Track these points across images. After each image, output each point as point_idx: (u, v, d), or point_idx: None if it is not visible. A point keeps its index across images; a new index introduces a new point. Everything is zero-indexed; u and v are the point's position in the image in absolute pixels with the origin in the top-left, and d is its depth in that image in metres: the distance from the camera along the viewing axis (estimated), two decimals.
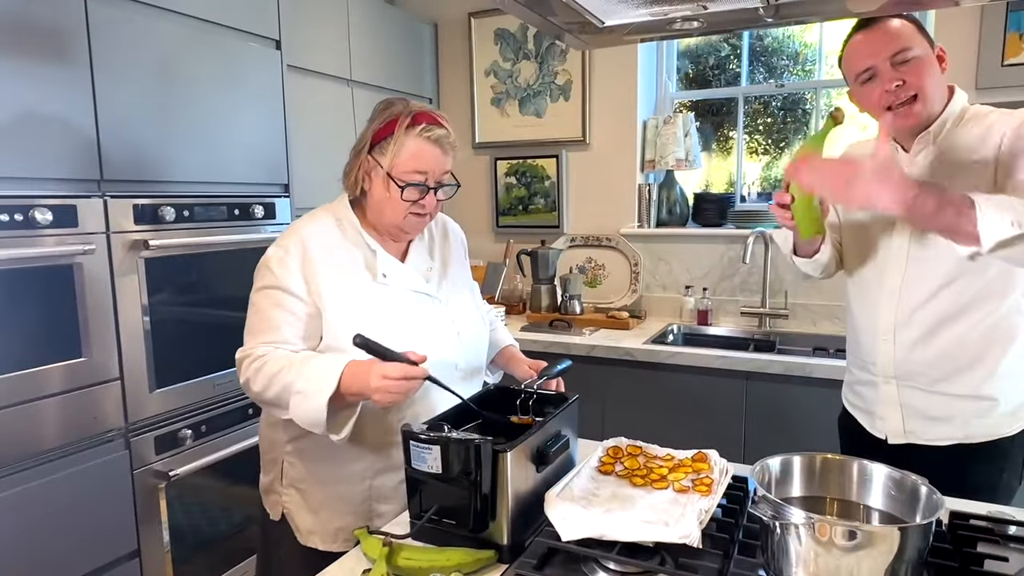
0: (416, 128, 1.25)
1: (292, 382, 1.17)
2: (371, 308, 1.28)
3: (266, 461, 1.41)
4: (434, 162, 1.27)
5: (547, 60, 3.12)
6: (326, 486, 1.32)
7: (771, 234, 1.70)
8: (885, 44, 1.33)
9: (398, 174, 1.26)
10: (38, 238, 1.61)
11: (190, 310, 1.99)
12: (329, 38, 2.62)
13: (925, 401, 1.41)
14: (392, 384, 1.11)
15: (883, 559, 0.84)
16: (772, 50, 3.03)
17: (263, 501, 1.42)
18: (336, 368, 1.15)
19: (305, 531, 1.34)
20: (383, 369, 1.12)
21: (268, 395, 1.21)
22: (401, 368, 1.12)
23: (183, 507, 1.99)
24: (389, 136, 1.26)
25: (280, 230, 2.26)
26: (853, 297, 1.57)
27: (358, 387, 1.14)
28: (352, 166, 1.33)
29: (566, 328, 2.75)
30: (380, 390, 1.11)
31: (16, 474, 1.60)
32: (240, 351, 1.27)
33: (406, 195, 1.26)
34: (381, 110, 1.32)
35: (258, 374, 1.21)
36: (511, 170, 3.26)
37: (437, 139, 1.27)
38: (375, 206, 1.31)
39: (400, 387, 1.12)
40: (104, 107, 1.75)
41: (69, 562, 1.71)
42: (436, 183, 1.29)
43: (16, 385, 1.58)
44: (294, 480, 1.35)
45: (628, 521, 1.00)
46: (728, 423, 2.34)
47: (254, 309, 1.29)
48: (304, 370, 1.18)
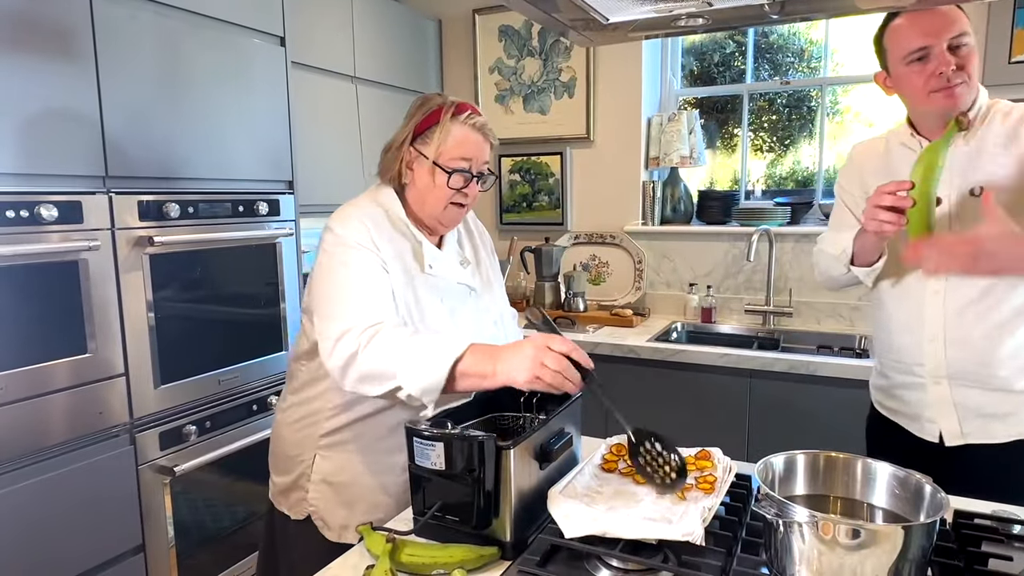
0: (460, 116, 1.27)
1: (411, 349, 1.10)
2: (425, 298, 1.29)
3: (287, 459, 1.38)
4: (478, 149, 1.29)
5: (551, 57, 3.12)
6: (366, 477, 1.32)
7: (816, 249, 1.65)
8: (945, 26, 1.30)
9: (445, 161, 1.26)
10: (43, 234, 1.62)
11: (194, 306, 2.00)
12: (333, 35, 2.62)
13: (982, 399, 1.37)
14: (553, 357, 1.04)
15: (887, 558, 0.83)
16: (777, 47, 3.01)
17: (279, 504, 1.40)
18: (461, 343, 1.10)
19: (337, 527, 1.33)
20: (549, 339, 1.06)
21: (379, 365, 1.11)
22: (568, 344, 1.06)
23: (188, 502, 1.99)
24: (433, 126, 1.27)
25: (284, 227, 2.27)
26: (888, 298, 1.50)
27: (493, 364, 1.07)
28: (392, 160, 1.32)
29: (570, 326, 2.74)
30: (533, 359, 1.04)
31: (22, 469, 1.61)
32: (333, 327, 1.16)
33: (452, 182, 1.27)
34: (419, 104, 1.32)
35: (371, 342, 1.12)
36: (515, 167, 3.26)
37: (481, 127, 1.29)
38: (418, 196, 1.31)
39: (559, 363, 1.04)
40: (109, 104, 1.76)
41: (74, 557, 1.71)
42: (478, 172, 1.31)
43: (22, 381, 1.59)
44: (326, 474, 1.33)
45: (631, 518, 1.00)
46: (732, 421, 2.33)
47: (334, 280, 1.21)
48: (427, 339, 1.13)
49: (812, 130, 2.95)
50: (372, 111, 2.83)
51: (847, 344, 2.52)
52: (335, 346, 1.15)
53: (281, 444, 1.40)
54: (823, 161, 2.91)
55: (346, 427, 1.31)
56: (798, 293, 2.75)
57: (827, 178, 2.93)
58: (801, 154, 3.01)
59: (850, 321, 2.67)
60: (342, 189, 2.63)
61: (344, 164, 2.71)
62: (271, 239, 2.22)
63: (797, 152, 3.02)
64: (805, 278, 2.74)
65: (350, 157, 2.75)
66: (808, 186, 2.97)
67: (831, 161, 2.93)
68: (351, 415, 1.31)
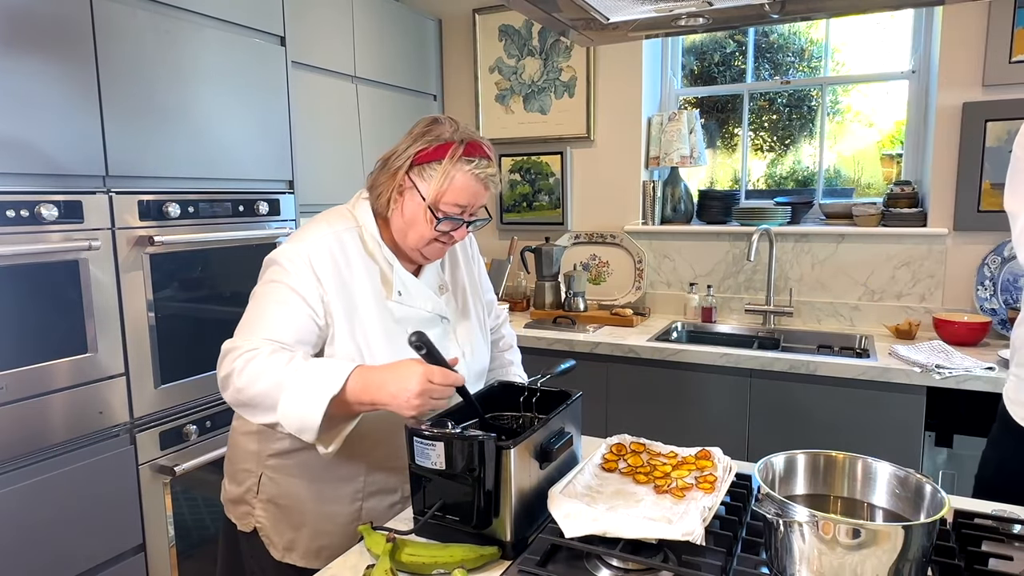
0: (468, 164, 1.18)
1: (285, 380, 1.06)
2: (382, 325, 1.23)
3: (237, 471, 1.32)
4: (476, 197, 1.21)
5: (551, 57, 3.12)
6: (312, 504, 1.26)
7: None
8: None
9: (439, 205, 1.19)
10: (43, 234, 1.62)
11: (195, 306, 2.00)
12: (333, 35, 2.62)
13: None
14: (436, 389, 1.04)
15: (887, 557, 0.83)
16: (778, 47, 3.01)
17: (229, 511, 1.35)
18: (343, 370, 1.06)
19: (282, 547, 1.27)
20: (430, 373, 1.04)
21: (251, 392, 1.08)
22: (444, 374, 1.06)
23: (188, 502, 1.99)
24: (435, 162, 1.18)
25: (284, 226, 2.27)
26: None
27: (375, 394, 1.05)
28: (385, 182, 1.23)
29: (570, 325, 2.75)
30: (424, 394, 1.03)
31: (22, 468, 1.61)
32: (228, 343, 1.14)
33: (440, 227, 1.20)
34: (425, 129, 1.22)
35: (247, 367, 1.09)
36: (515, 167, 3.26)
37: (485, 178, 1.21)
38: (401, 226, 1.23)
39: (444, 393, 1.05)
40: (109, 103, 1.76)
41: (75, 556, 1.72)
42: (471, 216, 1.24)
43: (22, 380, 1.59)
44: (273, 496, 1.27)
45: (631, 518, 1.00)
46: (732, 421, 2.33)
47: (255, 303, 1.18)
48: (304, 368, 1.07)
49: (812, 130, 2.95)
50: (372, 111, 2.83)
51: (847, 344, 2.52)
52: (218, 365, 1.13)
53: (233, 452, 1.35)
54: (823, 161, 2.91)
55: (295, 451, 1.25)
56: (798, 293, 2.75)
57: (827, 178, 2.93)
58: (801, 154, 3.01)
59: (850, 321, 2.67)
60: (342, 189, 2.62)
61: (344, 164, 2.71)
62: (271, 239, 2.22)
63: (797, 152, 3.02)
64: (805, 278, 2.74)
65: (350, 157, 2.75)
66: (808, 186, 2.97)
67: (831, 161, 2.93)
68: (298, 442, 1.22)
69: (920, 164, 2.69)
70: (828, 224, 2.77)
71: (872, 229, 2.60)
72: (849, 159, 2.93)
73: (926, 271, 2.55)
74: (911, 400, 2.08)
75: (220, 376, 1.13)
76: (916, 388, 2.07)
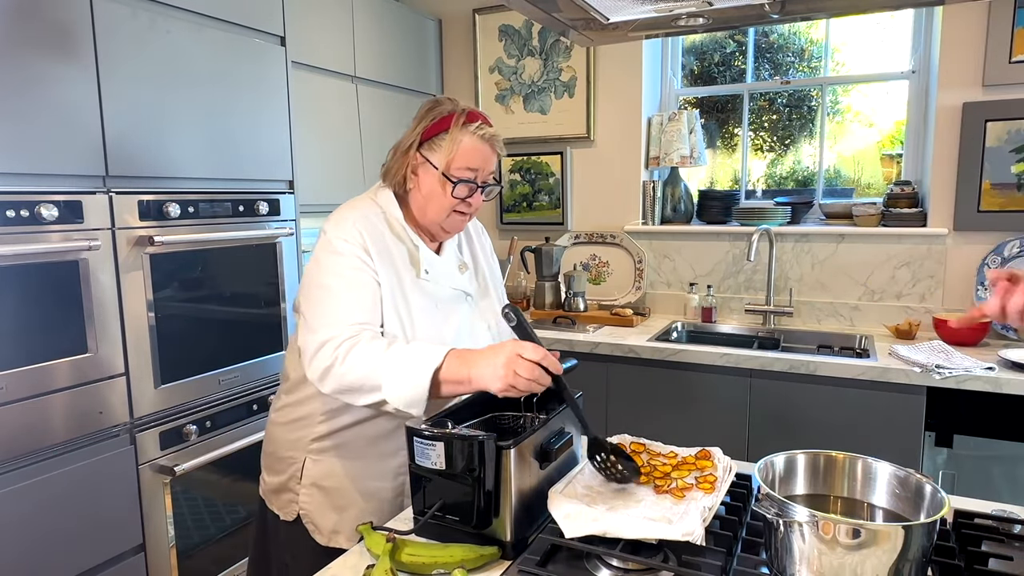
0: (471, 126, 1.25)
1: (389, 360, 1.11)
2: (417, 303, 1.28)
3: (279, 460, 1.38)
4: (485, 160, 1.27)
5: (551, 57, 3.12)
6: (356, 482, 1.31)
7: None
8: None
9: (451, 171, 1.25)
10: (43, 234, 1.62)
11: (195, 306, 2.00)
12: (333, 35, 2.62)
13: None
14: (524, 364, 1.05)
15: (887, 557, 0.83)
16: (778, 47, 3.01)
17: (270, 503, 1.39)
18: (441, 349, 1.11)
19: (327, 531, 1.32)
20: (521, 348, 1.07)
21: (355, 375, 1.12)
22: (535, 349, 1.07)
23: (188, 502, 2.00)
24: (442, 132, 1.25)
25: (284, 226, 2.27)
26: None
27: (470, 367, 1.08)
28: (398, 163, 1.30)
29: (570, 325, 2.75)
30: (510, 365, 1.05)
31: (23, 468, 1.61)
32: (317, 336, 1.17)
33: (457, 191, 1.26)
34: (428, 109, 1.29)
35: (350, 353, 1.13)
36: (515, 167, 3.26)
37: (490, 138, 1.27)
38: (421, 202, 1.30)
39: (530, 370, 1.05)
40: (109, 103, 1.76)
41: (75, 556, 1.72)
42: (483, 182, 1.30)
43: (22, 380, 1.59)
44: (316, 478, 1.32)
45: (631, 518, 1.00)
46: (732, 421, 2.33)
47: (324, 291, 1.21)
48: (406, 349, 1.12)
49: (812, 130, 2.95)
50: (372, 111, 2.83)
51: (847, 344, 2.52)
52: (313, 358, 1.16)
53: (273, 444, 1.40)
54: (823, 161, 2.91)
55: (336, 432, 1.31)
56: (798, 293, 2.75)
57: (827, 178, 2.93)
58: (801, 154, 3.01)
59: (850, 321, 2.67)
60: (342, 189, 2.63)
61: (344, 164, 2.71)
62: (271, 239, 2.22)
63: (797, 152, 3.02)
64: (805, 278, 2.74)
65: (350, 157, 2.75)
66: (808, 186, 2.97)
67: (831, 161, 2.93)
68: (341, 421, 1.30)
69: (920, 164, 2.69)
70: (828, 224, 2.77)
71: (872, 229, 2.60)
72: (849, 159, 2.93)
73: (926, 271, 2.55)
74: (911, 400, 2.08)
75: (320, 368, 1.15)
76: (916, 388, 2.07)
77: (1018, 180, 2.37)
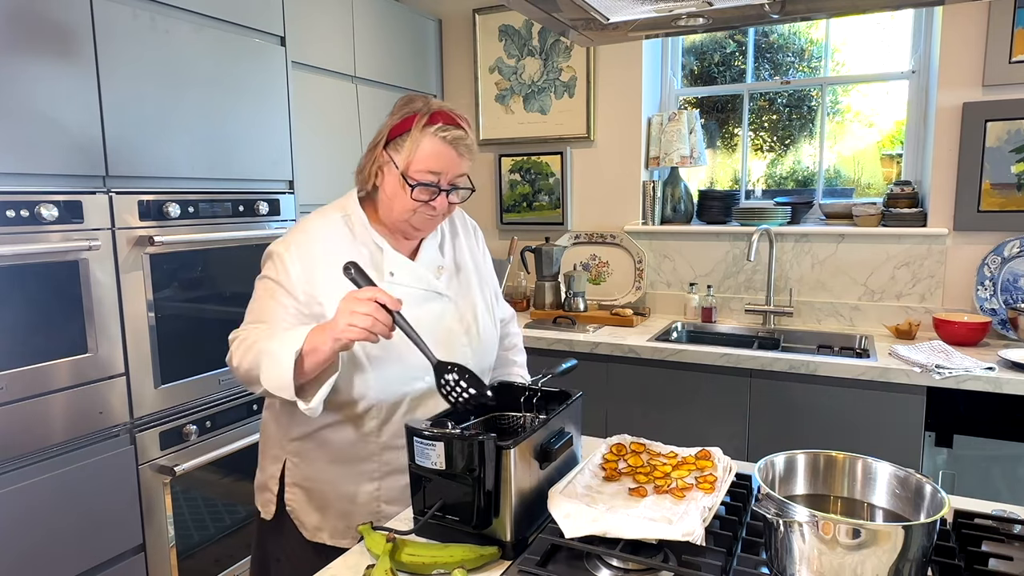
0: (432, 127, 1.22)
1: (262, 350, 1.17)
2: None
3: (266, 457, 1.39)
4: (448, 163, 1.24)
5: (552, 57, 3.12)
6: (334, 486, 1.31)
7: None
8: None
9: (411, 172, 1.23)
10: (43, 234, 1.62)
11: (195, 306, 2.00)
12: (333, 35, 2.62)
13: None
14: (358, 302, 1.08)
15: (887, 557, 0.83)
16: (778, 47, 3.01)
17: (256, 499, 1.41)
18: (304, 329, 1.15)
19: (312, 527, 1.33)
20: (355, 292, 1.11)
21: (244, 368, 1.20)
22: (372, 290, 1.10)
23: (188, 502, 2.00)
24: (405, 133, 1.24)
25: (285, 226, 2.27)
26: None
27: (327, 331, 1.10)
28: (367, 162, 1.30)
29: (570, 325, 2.74)
30: (345, 312, 1.08)
31: (23, 468, 1.61)
32: (233, 332, 1.28)
33: (416, 195, 1.23)
34: (401, 106, 1.29)
35: (239, 348, 1.22)
36: (515, 167, 3.26)
37: (453, 140, 1.23)
38: (385, 202, 1.28)
39: (367, 306, 1.08)
40: (109, 103, 1.76)
41: (75, 556, 1.72)
42: (450, 185, 1.26)
43: (22, 380, 1.59)
44: (298, 479, 1.33)
45: (631, 518, 1.00)
46: (732, 421, 2.33)
47: (254, 296, 1.30)
48: (276, 337, 1.17)
49: (812, 130, 2.95)
50: (372, 111, 2.83)
51: (847, 344, 2.52)
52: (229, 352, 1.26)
53: (264, 438, 1.41)
54: (823, 161, 2.91)
55: (311, 435, 1.31)
56: (798, 293, 2.75)
57: (827, 178, 2.93)
58: (801, 154, 3.01)
59: (850, 321, 2.67)
60: (342, 189, 2.61)
61: (344, 164, 2.71)
62: (271, 239, 2.22)
63: (797, 152, 3.02)
64: (805, 278, 2.74)
65: (350, 157, 2.74)
66: (808, 186, 2.97)
67: (831, 161, 2.93)
68: (314, 424, 1.29)
69: (920, 164, 2.69)
70: (828, 224, 2.78)
71: (872, 229, 2.60)
72: (849, 159, 2.93)
73: (926, 271, 2.55)
74: (911, 400, 2.08)
75: (230, 365, 1.26)
76: (916, 388, 2.07)
77: (1018, 180, 2.37)
